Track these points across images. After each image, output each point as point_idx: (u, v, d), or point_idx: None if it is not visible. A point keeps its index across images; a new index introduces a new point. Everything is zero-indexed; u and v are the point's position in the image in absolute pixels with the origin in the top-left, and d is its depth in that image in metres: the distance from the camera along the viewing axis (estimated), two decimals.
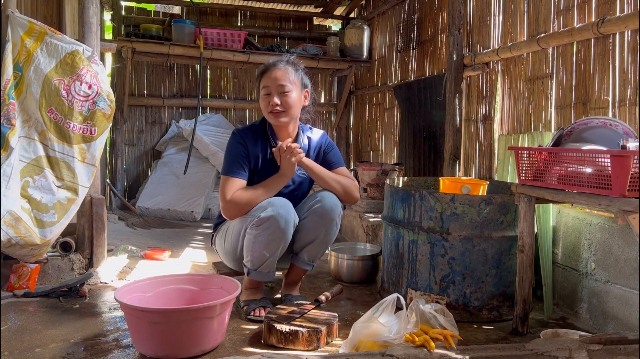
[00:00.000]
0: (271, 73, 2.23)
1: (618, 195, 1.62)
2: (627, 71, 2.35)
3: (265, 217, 2.07)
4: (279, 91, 2.21)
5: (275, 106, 2.21)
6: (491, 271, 2.23)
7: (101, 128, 2.54)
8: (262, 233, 2.08)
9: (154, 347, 1.77)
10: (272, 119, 2.25)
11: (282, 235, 2.10)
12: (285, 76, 2.22)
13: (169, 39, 4.63)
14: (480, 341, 2.00)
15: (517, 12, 3.08)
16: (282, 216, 2.08)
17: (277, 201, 2.14)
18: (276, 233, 2.09)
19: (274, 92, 2.22)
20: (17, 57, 2.38)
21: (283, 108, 2.22)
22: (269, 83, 2.22)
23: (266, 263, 2.15)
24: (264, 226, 2.07)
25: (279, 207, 2.10)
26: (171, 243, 3.63)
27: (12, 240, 2.29)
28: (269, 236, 2.08)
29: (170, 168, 4.89)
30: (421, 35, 4.27)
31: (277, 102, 2.21)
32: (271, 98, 2.22)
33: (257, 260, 2.15)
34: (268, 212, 2.08)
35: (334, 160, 2.40)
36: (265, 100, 2.24)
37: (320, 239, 2.24)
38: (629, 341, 1.59)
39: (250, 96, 5.67)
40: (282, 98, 2.21)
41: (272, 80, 2.22)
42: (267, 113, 2.25)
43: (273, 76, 2.22)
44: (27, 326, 2.05)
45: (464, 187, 2.43)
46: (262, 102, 2.26)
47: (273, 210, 2.08)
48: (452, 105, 3.47)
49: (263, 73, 2.27)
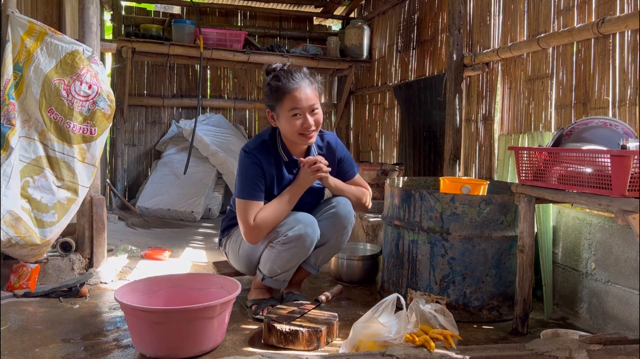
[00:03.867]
0: (299, 93, 2.05)
1: (618, 195, 1.62)
2: (627, 71, 2.35)
3: (294, 237, 2.08)
4: (310, 110, 2.07)
5: (310, 128, 2.07)
6: (491, 271, 2.23)
7: (101, 128, 2.54)
8: (287, 250, 2.10)
9: (154, 347, 1.77)
10: (303, 141, 2.11)
11: (306, 252, 2.15)
12: (314, 94, 2.09)
13: (169, 39, 4.63)
14: (480, 341, 2.00)
15: (517, 12, 3.08)
16: (309, 236, 2.09)
17: (304, 218, 2.12)
18: (301, 252, 2.13)
19: (306, 112, 2.06)
20: (17, 57, 2.38)
21: (315, 128, 2.10)
22: (300, 104, 2.05)
23: (284, 274, 2.19)
24: (291, 245, 2.09)
25: (307, 226, 2.09)
26: (171, 243, 3.62)
27: (12, 240, 2.29)
28: (294, 254, 2.12)
29: (170, 168, 4.89)
30: (421, 35, 4.27)
31: (312, 123, 2.07)
32: (304, 119, 2.06)
33: (274, 269, 2.17)
34: (296, 231, 2.08)
35: (349, 170, 2.34)
36: (293, 121, 2.06)
37: (330, 244, 2.26)
38: (629, 341, 1.59)
39: (250, 96, 5.67)
40: (313, 118, 2.08)
41: (303, 100, 2.05)
42: (297, 135, 2.09)
43: (303, 96, 2.05)
44: (27, 326, 2.05)
45: (464, 187, 2.43)
46: (289, 124, 2.07)
47: (300, 229, 2.08)
48: (452, 105, 3.47)
49: (287, 92, 2.06)
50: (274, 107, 2.12)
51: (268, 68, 2.17)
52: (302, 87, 2.07)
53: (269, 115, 2.18)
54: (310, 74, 2.16)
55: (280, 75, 2.09)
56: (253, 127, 5.73)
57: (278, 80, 2.09)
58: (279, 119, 2.12)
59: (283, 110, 2.08)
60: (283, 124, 2.11)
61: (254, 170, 2.12)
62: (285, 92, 2.06)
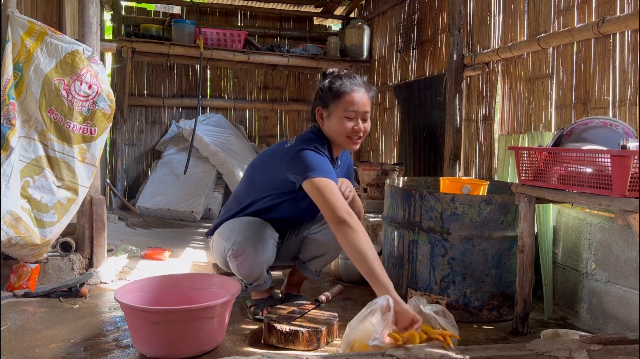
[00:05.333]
0: (358, 96, 2.06)
1: (618, 195, 1.61)
2: (627, 71, 2.35)
3: (239, 251, 2.04)
4: (363, 117, 2.07)
5: (360, 132, 2.07)
6: (491, 271, 2.23)
7: (101, 128, 2.54)
8: (241, 263, 2.07)
9: (154, 347, 1.77)
10: (350, 144, 2.10)
11: (262, 261, 2.08)
12: (369, 102, 2.10)
13: (169, 39, 4.63)
14: (481, 341, 2.00)
15: (517, 12, 3.08)
16: (255, 247, 2.05)
17: (250, 226, 2.09)
18: (256, 262, 2.07)
19: (359, 117, 2.06)
20: (17, 57, 2.37)
21: (363, 135, 2.11)
22: (356, 107, 2.05)
23: (259, 279, 2.15)
24: (241, 259, 2.06)
25: (252, 236, 2.05)
26: (171, 243, 3.62)
27: (12, 240, 2.29)
28: (250, 265, 2.07)
29: (170, 168, 4.89)
30: (421, 35, 4.27)
31: (362, 128, 2.07)
32: (355, 122, 2.06)
33: (248, 279, 2.15)
34: (240, 244, 2.04)
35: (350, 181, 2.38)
36: (346, 123, 2.05)
37: (330, 254, 2.28)
38: (629, 341, 1.59)
39: (250, 96, 5.67)
40: (363, 125, 2.08)
41: (360, 104, 2.05)
42: (345, 138, 2.08)
43: (361, 100, 2.06)
44: (27, 326, 2.05)
45: (464, 187, 2.43)
46: (340, 124, 2.05)
47: (245, 241, 2.04)
48: (452, 105, 3.47)
49: (346, 93, 2.06)
50: (327, 105, 2.09)
51: (326, 71, 2.17)
52: (361, 91, 2.08)
53: (317, 113, 2.13)
54: (368, 83, 2.16)
55: (342, 75, 2.10)
56: (253, 127, 5.73)
57: (340, 79, 2.09)
58: (330, 118, 2.09)
59: (338, 110, 2.06)
60: (334, 123, 2.08)
61: (327, 162, 2.05)
62: (345, 92, 2.05)
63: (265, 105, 5.68)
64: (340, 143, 2.12)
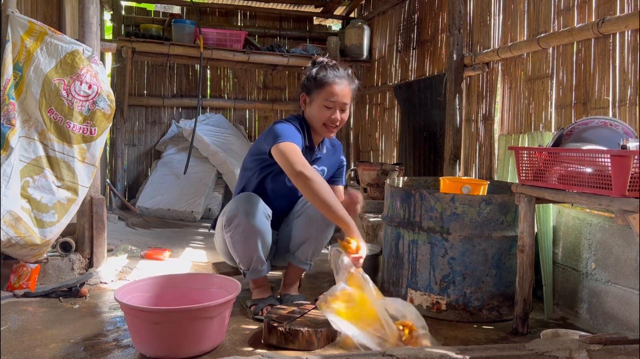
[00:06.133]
0: (339, 88, 2.19)
1: (618, 195, 1.62)
2: (627, 71, 2.35)
3: (232, 216, 2.12)
4: (342, 108, 2.21)
5: (336, 121, 2.21)
6: (491, 271, 2.23)
7: (101, 128, 2.54)
8: (235, 232, 2.12)
9: (154, 347, 1.77)
10: (325, 132, 2.24)
11: (254, 228, 2.12)
12: (349, 94, 2.23)
13: (169, 38, 4.63)
14: (480, 341, 2.00)
15: (517, 12, 3.08)
16: (247, 211, 2.11)
17: (242, 197, 2.19)
18: (248, 229, 2.11)
19: (337, 107, 2.20)
20: (17, 57, 2.38)
21: (339, 124, 2.24)
22: (335, 98, 2.18)
23: (255, 260, 2.18)
24: (233, 226, 2.12)
25: (244, 203, 2.14)
26: (171, 243, 3.62)
27: (12, 240, 2.29)
28: (242, 233, 2.11)
29: (170, 168, 4.89)
30: (421, 35, 4.27)
31: (338, 118, 2.21)
32: (333, 112, 2.19)
33: (245, 259, 2.18)
34: (233, 211, 2.13)
35: (339, 177, 2.51)
36: (324, 111, 2.20)
37: (313, 238, 2.27)
38: (629, 341, 1.59)
39: (250, 96, 5.67)
40: (340, 115, 2.22)
41: (340, 96, 2.19)
42: (321, 125, 2.22)
43: (341, 92, 2.19)
44: (27, 326, 2.05)
45: (464, 187, 2.43)
46: (319, 111, 2.20)
47: (237, 207, 2.13)
48: (452, 105, 3.47)
49: (328, 84, 2.19)
50: (310, 92, 2.24)
51: (316, 59, 2.30)
52: (343, 83, 2.21)
53: (302, 99, 2.29)
54: (351, 76, 2.28)
55: (327, 66, 2.24)
56: (253, 126, 5.73)
57: (325, 70, 2.22)
58: (311, 104, 2.24)
59: (318, 98, 2.21)
60: (314, 110, 2.23)
61: (298, 134, 2.17)
62: (327, 83, 2.19)
63: (265, 105, 5.68)
64: (317, 129, 2.26)
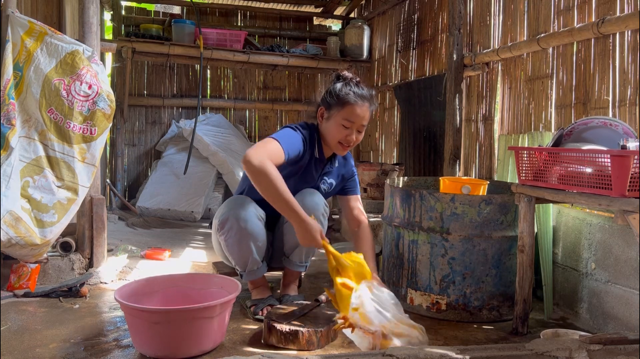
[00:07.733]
0: (360, 110, 2.15)
1: (618, 195, 1.62)
2: (627, 71, 2.35)
3: (224, 220, 2.12)
4: (359, 129, 2.19)
5: (351, 142, 2.19)
6: (491, 271, 2.23)
7: (101, 128, 2.54)
8: (228, 236, 2.12)
9: (154, 347, 1.77)
10: (339, 150, 2.22)
11: (246, 231, 2.11)
12: (368, 116, 2.20)
13: (169, 39, 4.63)
14: (480, 341, 2.00)
15: (517, 12, 3.08)
16: (238, 214, 2.11)
17: (233, 199, 2.19)
18: (240, 232, 2.11)
19: (355, 128, 2.17)
20: (17, 57, 2.38)
21: (353, 145, 2.22)
22: (355, 119, 2.15)
23: (250, 262, 2.17)
24: (226, 229, 2.12)
25: (235, 206, 2.14)
26: (171, 243, 3.62)
27: (12, 240, 2.29)
28: (234, 236, 2.11)
29: (170, 168, 4.89)
30: (421, 35, 4.27)
31: (354, 139, 2.19)
32: (350, 132, 2.17)
33: (240, 261, 2.18)
34: (224, 215, 2.13)
35: (354, 187, 2.45)
36: (341, 130, 2.16)
37: None
38: (629, 341, 1.59)
39: (250, 96, 5.68)
40: (357, 136, 2.20)
41: (360, 117, 2.16)
42: (336, 143, 2.19)
43: (361, 114, 2.16)
44: (27, 326, 2.05)
45: (464, 187, 2.43)
46: (337, 129, 2.17)
47: (228, 211, 2.12)
48: (452, 105, 3.47)
49: (350, 104, 2.15)
50: (330, 108, 2.19)
51: (340, 73, 2.25)
52: (364, 105, 2.17)
53: (319, 112, 2.24)
54: (374, 97, 2.25)
55: (352, 84, 2.19)
56: (253, 127, 5.73)
57: (349, 88, 2.18)
58: (329, 120, 2.20)
59: (338, 116, 2.16)
60: (331, 127, 2.19)
61: (298, 144, 2.13)
62: (349, 102, 2.15)
63: (265, 105, 5.68)
64: (331, 146, 2.22)
